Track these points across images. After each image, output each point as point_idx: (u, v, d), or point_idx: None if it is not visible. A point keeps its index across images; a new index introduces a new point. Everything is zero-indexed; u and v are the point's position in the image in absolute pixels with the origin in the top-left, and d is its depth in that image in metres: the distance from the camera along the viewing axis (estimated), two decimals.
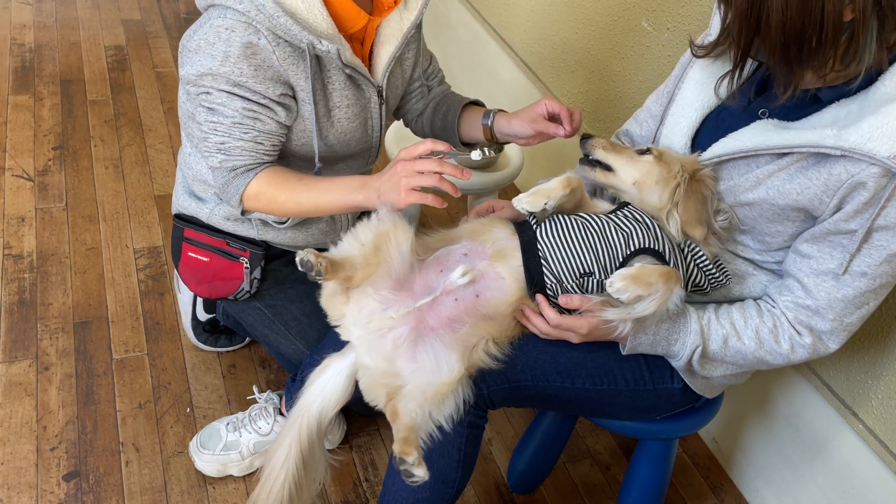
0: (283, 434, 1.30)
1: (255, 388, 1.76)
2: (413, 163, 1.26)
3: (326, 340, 1.45)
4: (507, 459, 1.79)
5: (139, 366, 1.87)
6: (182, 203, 1.62)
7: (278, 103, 1.36)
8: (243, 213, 1.47)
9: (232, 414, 1.76)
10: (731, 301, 1.30)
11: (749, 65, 1.27)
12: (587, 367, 1.30)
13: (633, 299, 1.16)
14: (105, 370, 1.85)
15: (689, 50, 1.37)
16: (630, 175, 1.27)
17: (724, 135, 1.24)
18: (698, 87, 1.29)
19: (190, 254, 1.61)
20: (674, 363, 1.30)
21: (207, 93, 1.34)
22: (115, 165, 2.45)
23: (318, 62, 1.37)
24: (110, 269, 2.10)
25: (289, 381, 1.66)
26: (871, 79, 1.08)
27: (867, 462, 1.49)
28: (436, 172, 1.25)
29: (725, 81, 1.23)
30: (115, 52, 2.98)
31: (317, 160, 1.45)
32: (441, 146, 1.28)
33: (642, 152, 1.28)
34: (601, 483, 1.80)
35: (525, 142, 1.51)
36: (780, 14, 1.00)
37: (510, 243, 1.28)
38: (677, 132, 1.31)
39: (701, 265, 1.24)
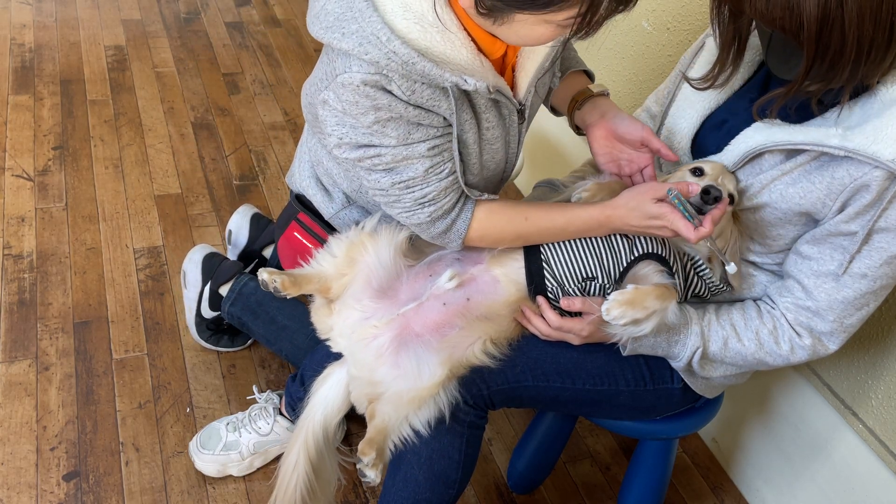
0: (291, 443, 1.34)
1: (254, 388, 1.76)
2: (670, 223, 1.14)
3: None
4: (507, 459, 1.79)
5: (139, 366, 1.87)
6: (306, 188, 1.51)
7: (446, 123, 1.19)
8: None
9: (232, 414, 1.76)
10: (731, 302, 1.30)
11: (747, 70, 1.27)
12: (587, 368, 1.30)
13: (631, 323, 1.16)
14: (105, 370, 1.85)
15: (689, 50, 1.37)
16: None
17: (725, 135, 1.24)
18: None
19: (296, 234, 1.55)
20: (674, 364, 1.30)
21: (377, 156, 1.17)
22: (115, 165, 2.45)
23: (463, 92, 1.18)
24: (110, 269, 2.10)
25: (288, 380, 1.66)
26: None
27: (867, 462, 1.49)
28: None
29: (756, 102, 1.15)
30: (115, 52, 2.98)
31: (464, 188, 1.24)
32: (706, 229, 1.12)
33: (694, 171, 1.19)
34: (601, 483, 1.80)
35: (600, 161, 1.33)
36: (856, 29, 0.96)
37: (511, 248, 1.28)
38: (678, 133, 1.31)
39: (701, 274, 1.23)
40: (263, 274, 1.29)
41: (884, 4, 0.95)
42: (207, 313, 1.87)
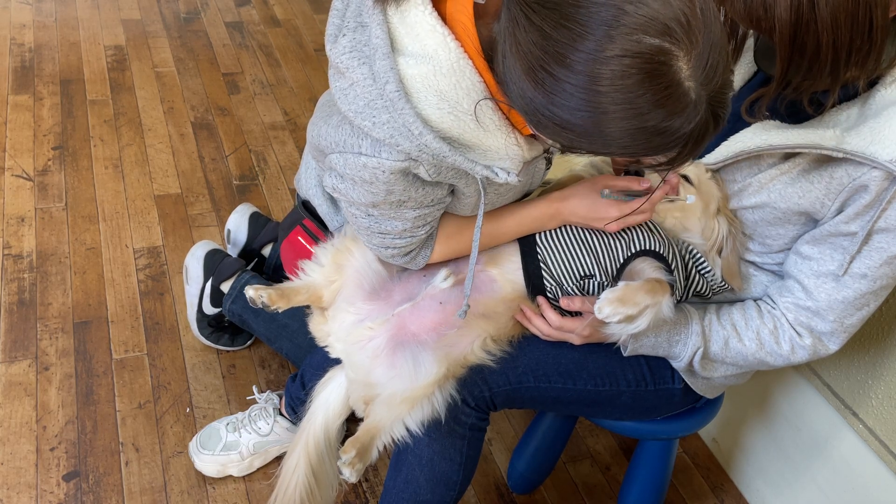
0: (292, 445, 1.35)
1: (254, 389, 1.76)
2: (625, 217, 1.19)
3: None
4: (507, 459, 1.79)
5: (139, 366, 1.87)
6: (312, 196, 1.51)
7: (448, 194, 1.19)
8: None
9: (232, 414, 1.76)
10: (732, 302, 1.30)
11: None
12: (589, 369, 1.30)
13: (624, 320, 1.15)
14: (105, 370, 1.85)
15: None
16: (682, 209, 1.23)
17: (723, 135, 1.24)
18: None
19: (300, 238, 1.55)
20: (675, 364, 1.30)
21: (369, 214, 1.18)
22: (115, 165, 2.45)
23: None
24: (110, 269, 2.10)
25: (288, 381, 1.66)
26: (871, 82, 1.08)
27: (867, 462, 1.49)
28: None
29: (749, 103, 1.16)
30: (114, 51, 2.98)
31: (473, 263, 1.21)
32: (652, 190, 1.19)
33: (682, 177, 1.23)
34: (601, 483, 1.80)
35: None
36: (830, 33, 0.96)
37: (507, 248, 1.27)
38: None
39: (702, 271, 1.23)
40: (250, 291, 1.28)
41: (860, 9, 0.95)
42: (209, 310, 1.86)
